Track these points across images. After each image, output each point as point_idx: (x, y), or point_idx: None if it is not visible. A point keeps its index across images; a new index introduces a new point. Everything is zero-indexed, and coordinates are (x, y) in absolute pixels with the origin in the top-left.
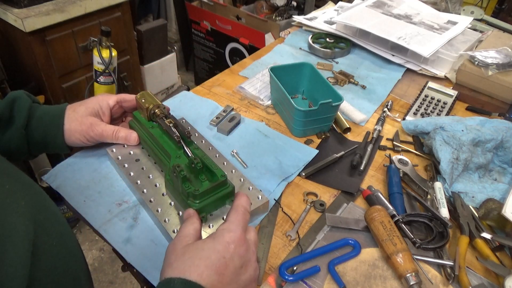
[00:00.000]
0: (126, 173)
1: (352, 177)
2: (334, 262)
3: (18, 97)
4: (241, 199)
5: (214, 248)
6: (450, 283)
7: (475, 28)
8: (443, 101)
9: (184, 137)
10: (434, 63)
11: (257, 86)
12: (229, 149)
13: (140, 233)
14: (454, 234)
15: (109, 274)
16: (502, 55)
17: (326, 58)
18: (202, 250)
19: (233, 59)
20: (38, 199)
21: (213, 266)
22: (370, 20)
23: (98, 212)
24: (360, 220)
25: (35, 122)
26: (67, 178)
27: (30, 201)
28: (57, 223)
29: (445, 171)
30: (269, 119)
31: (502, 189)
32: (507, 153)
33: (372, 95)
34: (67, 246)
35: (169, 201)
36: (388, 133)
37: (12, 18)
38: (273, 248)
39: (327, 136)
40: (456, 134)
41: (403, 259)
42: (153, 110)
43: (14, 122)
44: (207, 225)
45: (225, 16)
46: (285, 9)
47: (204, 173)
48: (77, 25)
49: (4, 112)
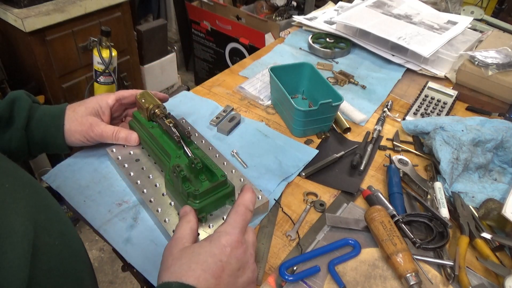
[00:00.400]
0: (126, 173)
1: (352, 177)
2: (334, 262)
3: (18, 97)
4: (244, 196)
5: (210, 252)
6: (450, 283)
7: (475, 28)
8: (443, 101)
9: (184, 137)
10: (434, 63)
11: (257, 86)
12: (229, 149)
13: (140, 233)
14: (454, 234)
15: (109, 274)
16: (502, 55)
17: (326, 58)
18: (199, 254)
19: (233, 59)
20: (39, 198)
21: (210, 269)
22: (370, 20)
23: (98, 212)
24: (360, 220)
25: (35, 123)
26: (67, 178)
27: (30, 201)
28: (59, 222)
29: (445, 171)
30: (269, 119)
31: (502, 189)
32: (507, 153)
33: (372, 95)
34: (69, 246)
35: (169, 201)
36: (388, 133)
37: (12, 18)
38: (273, 248)
39: (327, 136)
40: (456, 134)
41: (403, 259)
42: (153, 110)
43: (14, 123)
44: (207, 225)
45: (225, 16)
46: (285, 9)
47: (204, 173)
48: (77, 25)
49: (4, 112)
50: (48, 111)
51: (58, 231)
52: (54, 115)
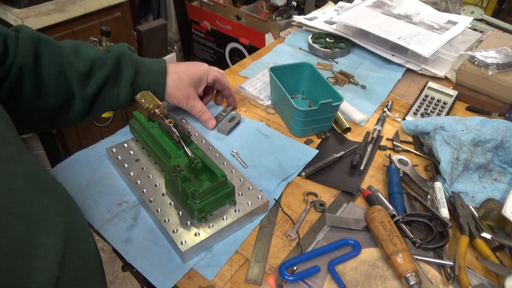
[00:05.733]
0: (126, 173)
1: (352, 177)
2: (334, 262)
3: (123, 53)
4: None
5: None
6: (450, 283)
7: (475, 28)
8: (443, 101)
9: (184, 137)
10: (434, 63)
11: (257, 86)
12: (229, 149)
13: (140, 233)
14: (454, 234)
15: (109, 274)
16: (502, 55)
17: (326, 58)
18: None
19: (233, 59)
20: (71, 213)
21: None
22: (370, 20)
23: (98, 212)
24: (360, 220)
25: (141, 78)
26: (67, 178)
27: (64, 217)
28: (84, 240)
29: (445, 171)
30: (269, 119)
31: (502, 189)
32: (507, 153)
33: (372, 95)
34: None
35: (169, 201)
36: (388, 133)
37: (12, 18)
38: (273, 248)
39: (327, 136)
40: (456, 134)
41: (403, 259)
42: (153, 110)
43: (123, 79)
44: (207, 225)
45: (225, 16)
46: (285, 9)
47: (204, 173)
48: (77, 25)
49: (112, 69)
50: (151, 67)
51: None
52: (158, 72)
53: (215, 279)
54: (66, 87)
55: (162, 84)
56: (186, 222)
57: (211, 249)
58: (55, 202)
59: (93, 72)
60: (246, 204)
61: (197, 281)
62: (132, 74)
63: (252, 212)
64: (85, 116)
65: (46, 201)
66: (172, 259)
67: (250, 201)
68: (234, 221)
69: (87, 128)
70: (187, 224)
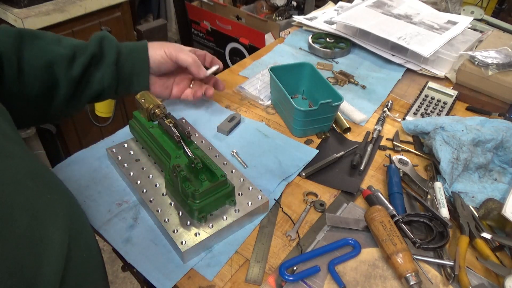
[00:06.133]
0: (126, 173)
1: (352, 177)
2: (334, 262)
3: (105, 35)
4: None
5: None
6: (450, 283)
7: (475, 28)
8: (443, 101)
9: (184, 137)
10: (434, 63)
11: (257, 86)
12: (229, 149)
13: (140, 233)
14: (454, 234)
15: (109, 274)
16: (502, 55)
17: (326, 58)
18: None
19: (233, 59)
20: (74, 210)
21: None
22: (370, 20)
23: (98, 212)
24: (360, 220)
25: (124, 57)
26: (67, 178)
27: (67, 212)
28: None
29: (445, 171)
30: (269, 119)
31: (502, 189)
32: (507, 153)
33: (372, 95)
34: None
35: (169, 201)
36: (388, 133)
37: (12, 18)
38: (273, 248)
39: (327, 136)
40: (456, 134)
41: (403, 259)
42: (153, 110)
43: (106, 58)
44: (207, 225)
45: (225, 16)
46: (285, 9)
47: (204, 173)
48: (77, 25)
49: (96, 49)
50: (132, 46)
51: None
52: (139, 49)
53: (215, 279)
54: (49, 73)
55: (146, 59)
56: (186, 222)
57: (211, 249)
58: (58, 198)
59: (76, 56)
60: (246, 204)
61: (197, 281)
62: (114, 53)
63: (252, 212)
64: (70, 100)
65: (50, 196)
66: (172, 259)
67: (250, 201)
68: (234, 221)
69: (87, 128)
70: (187, 224)
